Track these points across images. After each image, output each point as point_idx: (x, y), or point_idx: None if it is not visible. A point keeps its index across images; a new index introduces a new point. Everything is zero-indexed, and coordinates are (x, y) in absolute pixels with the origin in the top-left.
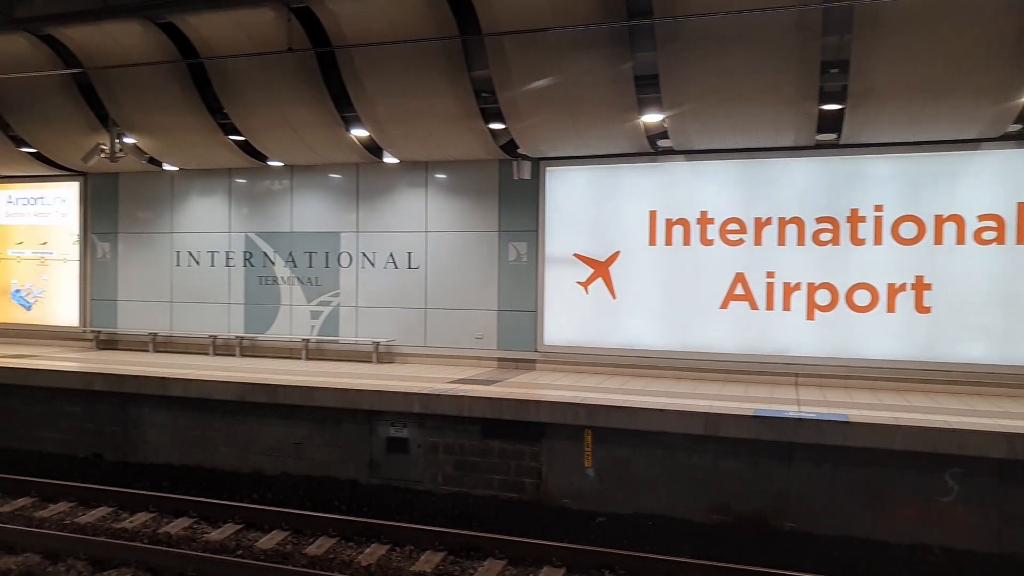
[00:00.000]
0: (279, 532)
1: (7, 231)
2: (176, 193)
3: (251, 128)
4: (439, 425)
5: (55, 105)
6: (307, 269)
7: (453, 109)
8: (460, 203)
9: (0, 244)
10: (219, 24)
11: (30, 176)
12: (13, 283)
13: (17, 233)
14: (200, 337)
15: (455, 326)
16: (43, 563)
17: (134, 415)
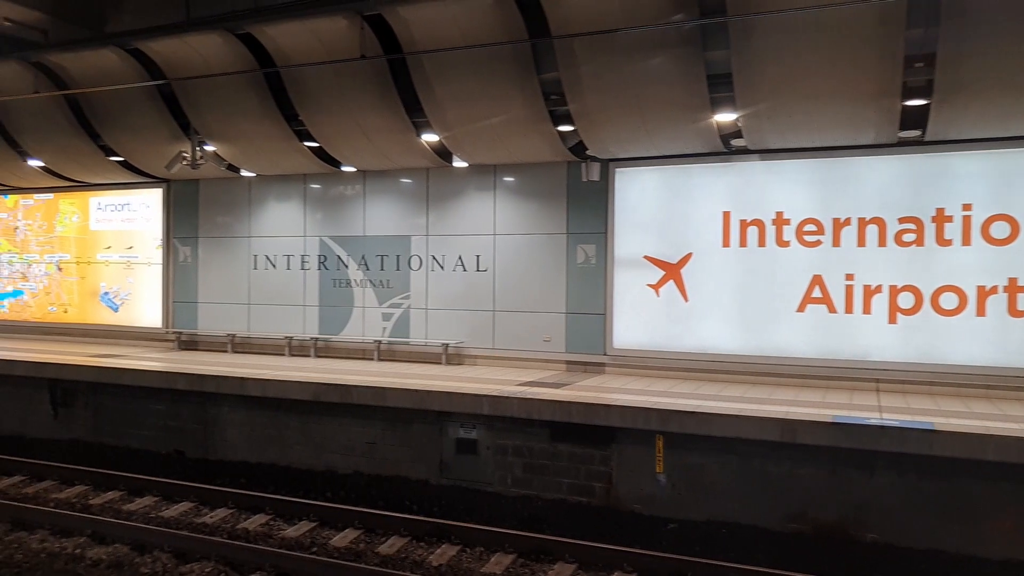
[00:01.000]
0: (352, 530)
1: (96, 236)
2: (254, 199)
3: (325, 135)
4: (508, 427)
5: (141, 115)
6: (379, 272)
7: (522, 112)
8: (528, 206)
9: (90, 249)
10: (295, 33)
11: (118, 183)
12: (102, 286)
13: (106, 238)
14: (276, 338)
15: (523, 328)
16: (131, 554)
17: (214, 414)
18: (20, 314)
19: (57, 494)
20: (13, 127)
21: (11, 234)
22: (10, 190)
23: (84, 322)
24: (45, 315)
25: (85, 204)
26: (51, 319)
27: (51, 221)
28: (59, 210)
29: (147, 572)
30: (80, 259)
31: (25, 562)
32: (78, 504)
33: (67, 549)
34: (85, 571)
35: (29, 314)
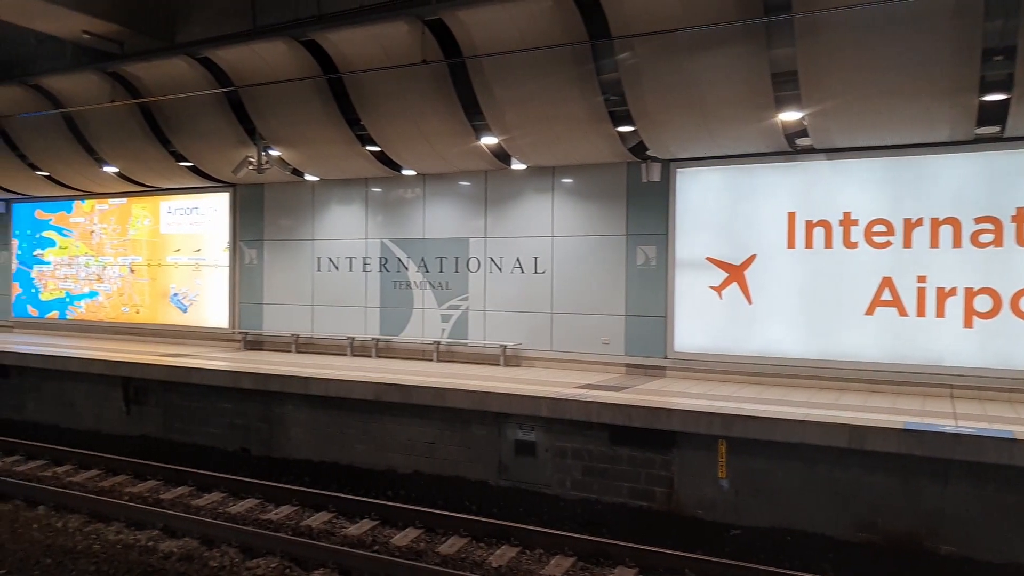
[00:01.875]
0: (413, 529)
1: (166, 239)
2: (317, 202)
3: (386, 139)
4: (567, 430)
5: (209, 122)
6: (438, 274)
7: (582, 113)
8: (587, 207)
9: (161, 251)
10: (357, 39)
11: (187, 188)
12: (172, 287)
13: (175, 241)
14: (338, 338)
15: (582, 331)
16: (200, 548)
17: (278, 412)
18: (95, 314)
19: (131, 488)
20: (91, 135)
21: (88, 238)
22: (87, 195)
23: (154, 322)
24: (118, 315)
25: (156, 208)
26: (124, 319)
27: (124, 225)
28: (132, 214)
29: (215, 566)
30: (151, 261)
31: (103, 552)
32: (150, 498)
33: (140, 541)
34: (158, 563)
35: (104, 314)
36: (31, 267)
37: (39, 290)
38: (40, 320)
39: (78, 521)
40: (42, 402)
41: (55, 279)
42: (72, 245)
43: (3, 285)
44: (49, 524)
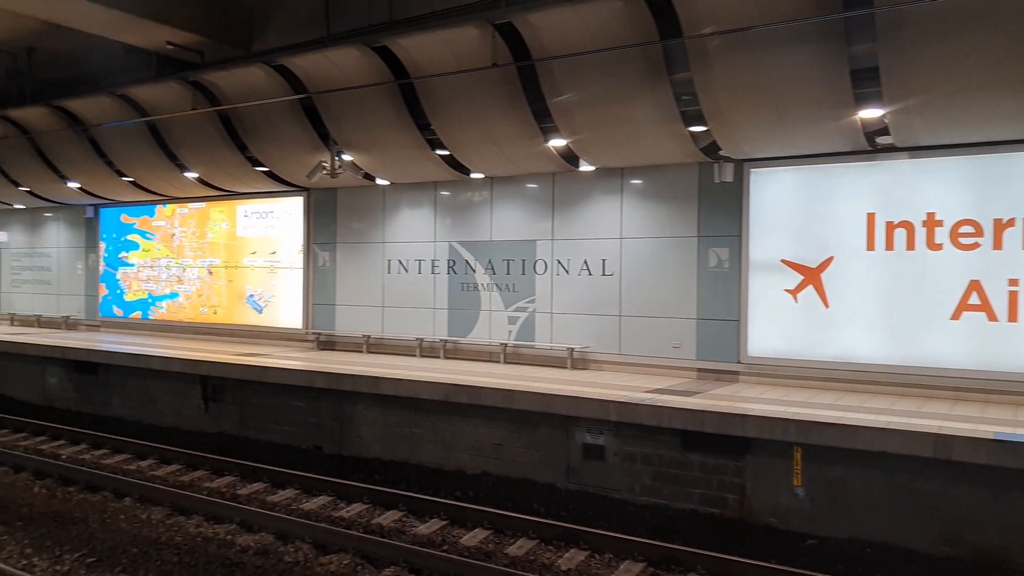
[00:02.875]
0: (481, 530)
1: (243, 242)
2: (388, 206)
3: (455, 142)
4: (636, 434)
5: (285, 128)
6: (505, 276)
7: (652, 113)
8: (657, 208)
9: (237, 254)
10: (427, 44)
11: (262, 192)
12: (248, 288)
13: (251, 244)
14: (408, 339)
15: (651, 334)
16: (275, 543)
17: (349, 411)
18: (176, 315)
19: (209, 483)
20: (173, 142)
21: (169, 241)
22: (169, 200)
23: (231, 322)
24: (197, 315)
25: (233, 212)
26: (202, 319)
27: (203, 228)
28: (210, 218)
29: (290, 561)
30: (228, 264)
31: (184, 544)
32: (228, 493)
33: (219, 535)
34: (235, 556)
35: (183, 315)
36: (116, 269)
37: (124, 291)
38: (124, 320)
39: (161, 513)
40: (127, 398)
41: (138, 280)
42: (154, 248)
43: (91, 286)
44: (135, 515)
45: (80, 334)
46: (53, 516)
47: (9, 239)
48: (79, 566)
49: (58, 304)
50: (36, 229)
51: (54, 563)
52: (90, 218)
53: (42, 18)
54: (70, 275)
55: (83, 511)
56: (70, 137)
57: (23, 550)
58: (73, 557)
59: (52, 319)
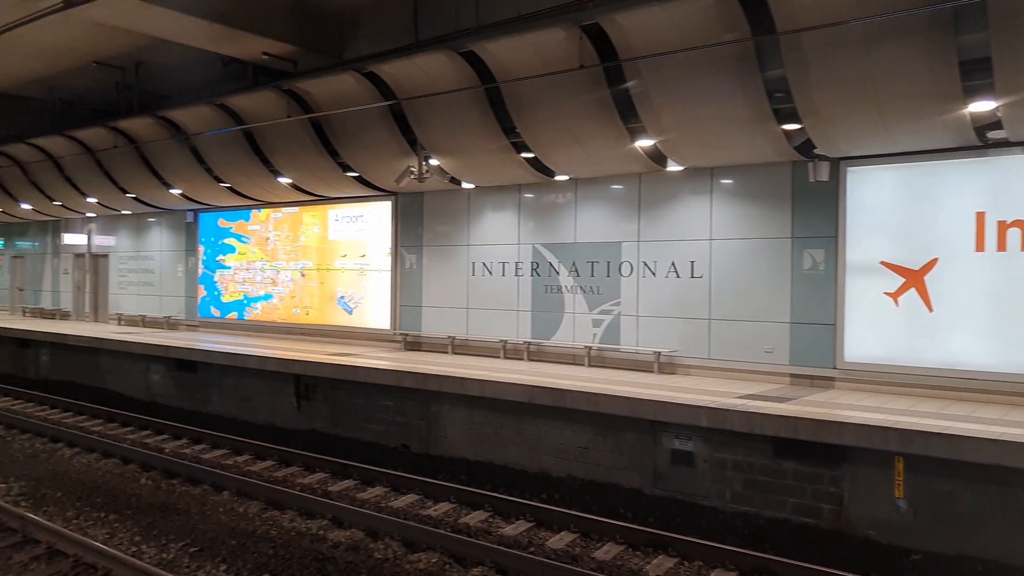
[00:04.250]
0: (568, 533)
1: (334, 245)
2: (472, 209)
3: (540, 144)
4: (727, 441)
5: (374, 134)
6: (589, 278)
7: (743, 112)
8: (748, 209)
9: (328, 257)
10: (514, 48)
11: (352, 197)
12: (338, 290)
13: (342, 247)
14: (492, 341)
15: (741, 338)
16: (365, 539)
17: (436, 411)
18: (270, 315)
19: (302, 479)
20: (268, 149)
21: (264, 244)
22: (263, 205)
23: (322, 323)
24: (290, 316)
25: (324, 216)
26: (294, 320)
27: (296, 232)
28: (303, 222)
29: (380, 558)
30: (320, 266)
31: (279, 538)
32: (319, 490)
33: (312, 530)
34: (327, 551)
35: (277, 315)
36: (214, 271)
37: (221, 292)
38: (221, 320)
39: (257, 507)
40: (224, 396)
41: (235, 282)
42: (250, 251)
43: (191, 288)
44: (232, 508)
45: (180, 334)
46: (158, 506)
47: (116, 243)
48: (183, 555)
49: (160, 305)
50: (141, 234)
51: (161, 551)
52: (190, 223)
53: (151, 34)
54: (171, 277)
55: (185, 503)
56: (173, 146)
57: (133, 537)
58: (177, 546)
59: (155, 319)
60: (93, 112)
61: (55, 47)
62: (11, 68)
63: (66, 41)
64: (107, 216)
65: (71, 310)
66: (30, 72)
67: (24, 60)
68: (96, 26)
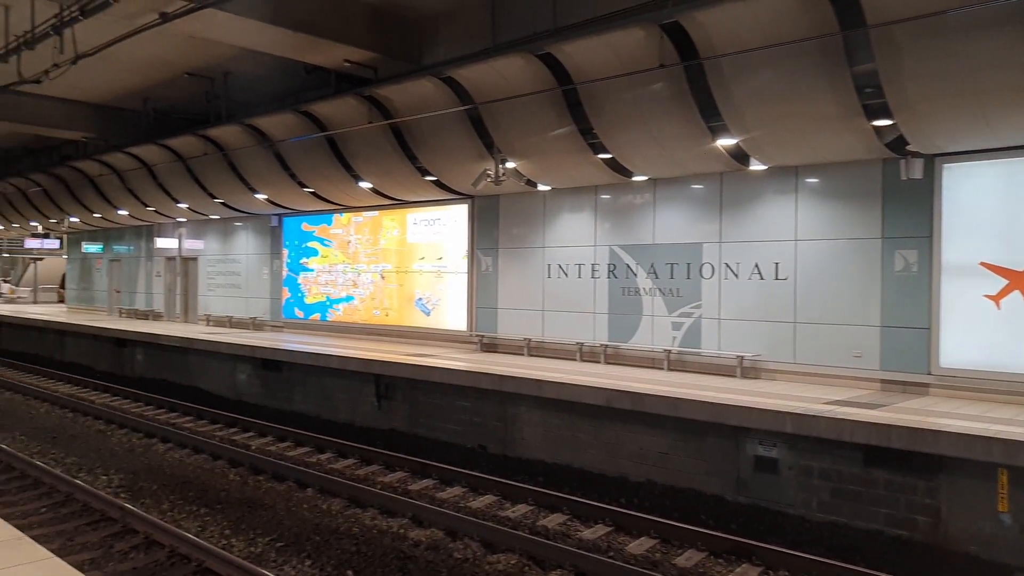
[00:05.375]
0: (647, 539)
1: (412, 248)
2: (548, 211)
3: (618, 145)
4: (813, 448)
5: (452, 138)
6: (668, 280)
7: (831, 109)
8: (835, 208)
9: (407, 259)
10: (591, 49)
11: (430, 200)
12: (417, 292)
13: (420, 250)
14: (568, 344)
15: (828, 342)
16: (445, 539)
17: (512, 413)
18: (351, 316)
19: (382, 478)
20: (349, 154)
21: (345, 247)
22: (344, 209)
23: (401, 324)
24: (370, 318)
25: (403, 220)
26: (374, 321)
27: (376, 235)
28: (382, 225)
29: (459, 558)
30: (399, 269)
31: (361, 536)
32: (400, 488)
33: (392, 528)
34: (408, 550)
35: (358, 316)
36: (298, 274)
37: (304, 294)
38: (304, 321)
39: (339, 505)
40: (307, 395)
41: (317, 285)
42: (331, 254)
43: (275, 290)
44: (316, 505)
45: (265, 334)
46: (246, 502)
47: (205, 247)
48: (270, 549)
49: (247, 306)
50: (228, 237)
51: (249, 545)
52: (275, 227)
53: (238, 45)
54: (257, 279)
55: (271, 499)
56: (259, 152)
57: (223, 531)
58: (264, 540)
59: (241, 320)
60: (184, 121)
61: (150, 60)
62: (110, 82)
63: (160, 54)
64: (196, 220)
65: (163, 311)
66: (127, 85)
67: (122, 74)
68: (188, 39)
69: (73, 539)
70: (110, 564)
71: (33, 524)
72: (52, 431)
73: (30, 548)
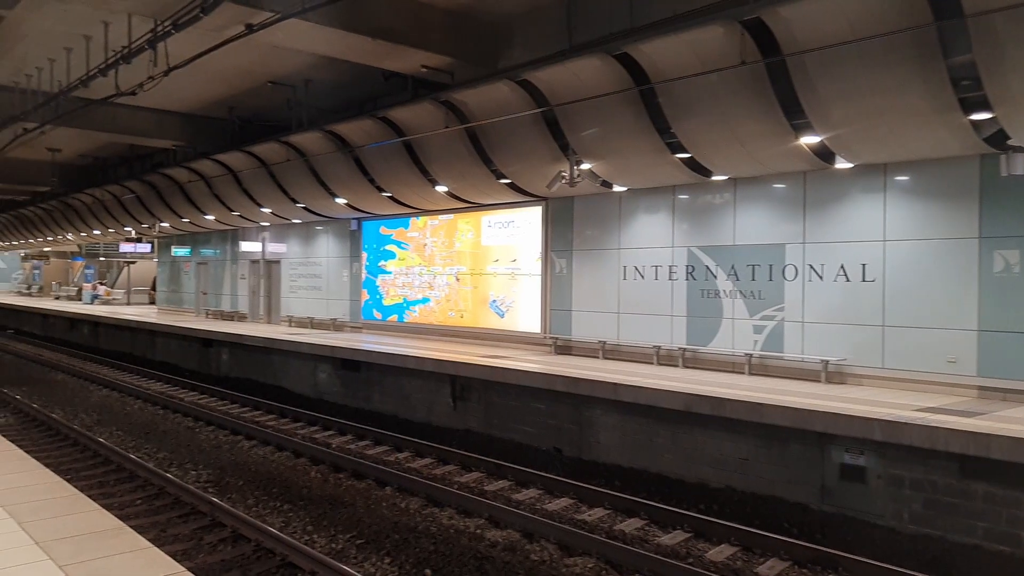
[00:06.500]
0: (728, 546)
1: (486, 251)
2: (624, 212)
3: (696, 144)
4: (904, 457)
5: (526, 140)
6: (749, 282)
7: (923, 103)
8: (927, 207)
9: (481, 262)
10: (669, 48)
11: (504, 203)
12: (491, 294)
13: (494, 252)
14: (644, 347)
15: (919, 347)
16: (521, 540)
17: (587, 416)
18: (426, 318)
19: (459, 478)
20: (426, 158)
21: (421, 250)
22: (421, 212)
23: (475, 326)
24: (445, 319)
25: (478, 222)
26: (449, 323)
27: (451, 238)
28: (457, 228)
29: (536, 560)
30: (473, 271)
31: (439, 535)
32: (476, 489)
33: (469, 528)
34: (485, 550)
35: (433, 318)
36: (376, 276)
37: (382, 296)
38: (382, 323)
39: (417, 504)
40: (384, 394)
41: (395, 287)
42: (408, 257)
43: (355, 292)
44: (395, 504)
45: (345, 335)
46: (327, 499)
47: (287, 250)
48: (350, 546)
49: (327, 308)
50: (309, 241)
51: (330, 541)
52: (354, 230)
53: (319, 53)
54: (337, 282)
55: (351, 496)
56: (339, 158)
57: (305, 527)
58: (345, 537)
59: (322, 321)
60: (267, 128)
61: (235, 70)
62: (198, 92)
63: (245, 64)
64: (279, 225)
65: (247, 312)
66: (214, 94)
67: (208, 84)
68: (271, 48)
69: (166, 530)
70: (200, 556)
71: (130, 515)
72: (145, 427)
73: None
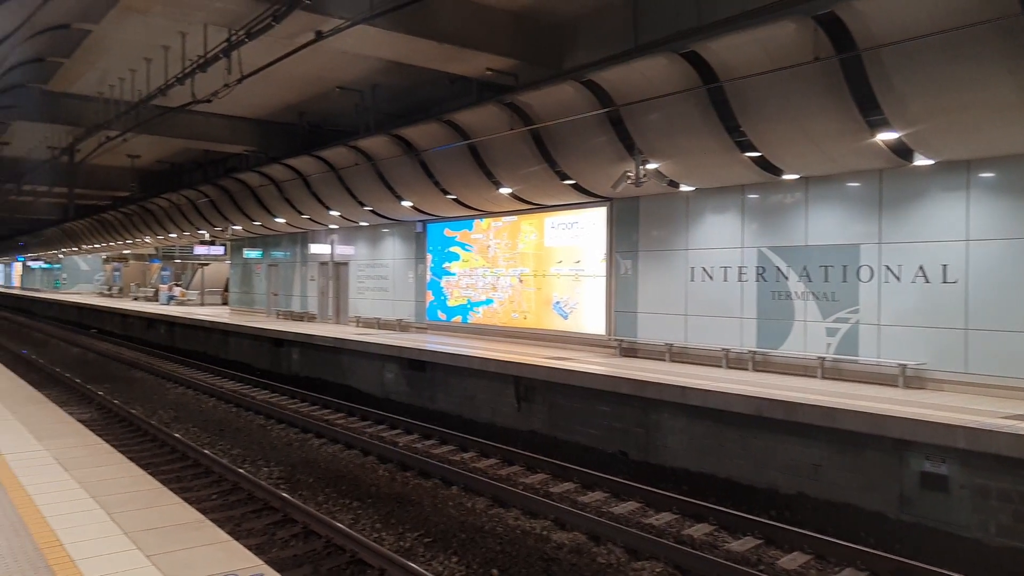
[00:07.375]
0: (800, 554)
1: (550, 252)
2: (691, 212)
3: (767, 143)
4: (991, 466)
5: (591, 141)
6: (822, 284)
7: (1012, 96)
8: (1014, 206)
9: (545, 263)
10: (738, 45)
11: (568, 204)
12: (554, 296)
13: (557, 253)
14: (712, 350)
15: (1006, 351)
16: (588, 543)
17: (654, 419)
18: (490, 319)
19: (524, 479)
20: (490, 161)
21: (485, 252)
22: (485, 214)
23: (538, 327)
24: (508, 320)
25: (541, 224)
26: (512, 324)
27: (514, 240)
28: (520, 230)
29: (603, 563)
30: (537, 272)
31: (505, 535)
32: (541, 490)
33: (535, 529)
34: (551, 552)
35: (497, 319)
36: (440, 278)
37: (446, 297)
38: (446, 324)
39: (483, 504)
40: (449, 395)
41: (459, 288)
42: (472, 258)
43: (420, 293)
44: (461, 503)
45: (410, 335)
46: (394, 497)
47: (355, 252)
48: (418, 544)
49: (393, 309)
50: (376, 243)
51: (398, 539)
52: (419, 232)
53: (387, 58)
54: (403, 283)
55: (418, 495)
56: (405, 161)
57: (374, 524)
58: (413, 535)
59: (388, 322)
60: (335, 133)
61: (305, 77)
62: (270, 98)
63: (314, 71)
64: (347, 227)
65: (316, 313)
66: (284, 100)
67: (280, 90)
68: (340, 54)
69: (241, 524)
70: (273, 550)
71: (207, 509)
72: (219, 424)
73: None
